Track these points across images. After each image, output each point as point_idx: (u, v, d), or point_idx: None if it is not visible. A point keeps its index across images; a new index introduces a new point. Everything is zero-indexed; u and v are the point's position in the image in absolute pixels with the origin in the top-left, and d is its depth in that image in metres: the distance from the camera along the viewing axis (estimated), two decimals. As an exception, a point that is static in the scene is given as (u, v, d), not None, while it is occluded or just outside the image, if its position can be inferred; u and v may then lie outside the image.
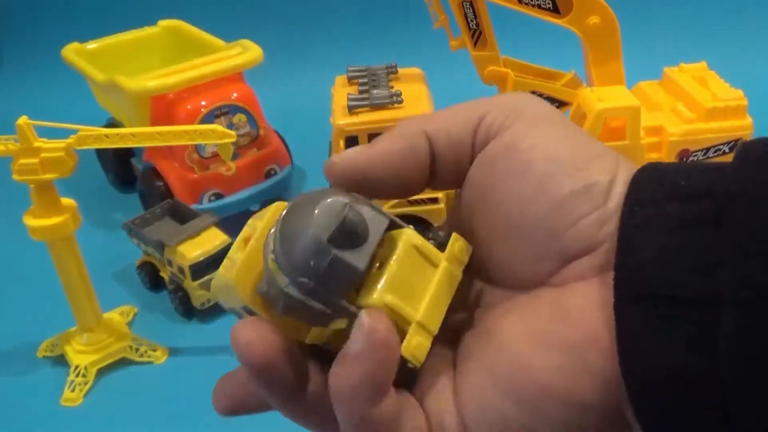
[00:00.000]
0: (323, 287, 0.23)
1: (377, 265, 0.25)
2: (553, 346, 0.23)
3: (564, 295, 0.24)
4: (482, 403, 0.24)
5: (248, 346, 0.23)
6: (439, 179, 0.27)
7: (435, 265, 0.25)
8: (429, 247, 0.25)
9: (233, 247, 0.26)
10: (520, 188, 0.24)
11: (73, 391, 0.81)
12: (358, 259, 0.24)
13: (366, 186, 0.26)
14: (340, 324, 0.24)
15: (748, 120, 0.92)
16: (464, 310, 0.27)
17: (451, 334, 0.27)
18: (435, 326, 0.25)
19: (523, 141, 0.25)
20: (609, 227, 0.23)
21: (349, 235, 0.24)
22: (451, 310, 0.26)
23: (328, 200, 0.24)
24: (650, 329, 0.21)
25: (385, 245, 0.25)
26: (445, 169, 0.27)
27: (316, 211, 0.24)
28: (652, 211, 0.22)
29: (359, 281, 0.24)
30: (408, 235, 0.25)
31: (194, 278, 0.87)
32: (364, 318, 0.23)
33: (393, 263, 0.24)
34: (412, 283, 0.25)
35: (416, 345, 0.24)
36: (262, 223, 0.26)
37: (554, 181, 0.24)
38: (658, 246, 0.21)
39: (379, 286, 0.24)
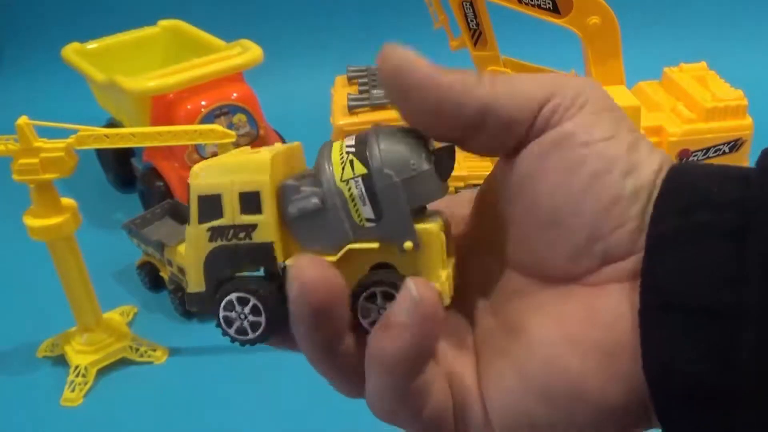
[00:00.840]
0: (404, 188, 0.24)
1: None
2: (589, 349, 0.23)
3: (597, 296, 0.24)
4: (509, 400, 0.24)
5: (311, 285, 0.23)
6: (477, 144, 0.26)
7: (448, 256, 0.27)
8: (449, 240, 0.27)
9: (227, 153, 0.27)
10: (569, 184, 0.24)
11: (73, 391, 0.81)
12: (442, 187, 0.25)
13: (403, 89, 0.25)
14: (357, 245, 0.25)
15: (748, 120, 0.92)
16: (485, 292, 0.27)
17: (470, 313, 0.27)
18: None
19: (579, 135, 0.24)
20: None
21: (445, 168, 0.25)
22: (472, 288, 0.27)
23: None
24: (673, 338, 0.21)
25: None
26: (489, 139, 0.25)
27: (425, 134, 0.25)
28: (680, 221, 0.22)
29: (420, 208, 0.26)
30: (445, 216, 0.27)
31: (194, 278, 0.87)
32: (411, 286, 0.22)
33: (437, 224, 0.25)
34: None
35: (446, 290, 0.25)
36: (286, 146, 0.27)
37: (604, 182, 0.24)
38: (684, 256, 0.22)
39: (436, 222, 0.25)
